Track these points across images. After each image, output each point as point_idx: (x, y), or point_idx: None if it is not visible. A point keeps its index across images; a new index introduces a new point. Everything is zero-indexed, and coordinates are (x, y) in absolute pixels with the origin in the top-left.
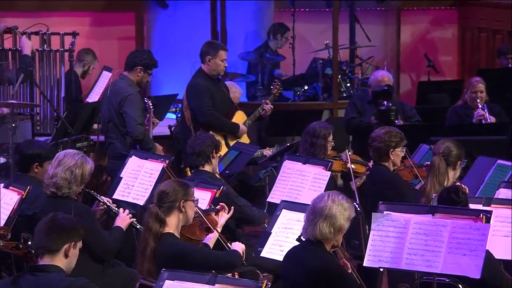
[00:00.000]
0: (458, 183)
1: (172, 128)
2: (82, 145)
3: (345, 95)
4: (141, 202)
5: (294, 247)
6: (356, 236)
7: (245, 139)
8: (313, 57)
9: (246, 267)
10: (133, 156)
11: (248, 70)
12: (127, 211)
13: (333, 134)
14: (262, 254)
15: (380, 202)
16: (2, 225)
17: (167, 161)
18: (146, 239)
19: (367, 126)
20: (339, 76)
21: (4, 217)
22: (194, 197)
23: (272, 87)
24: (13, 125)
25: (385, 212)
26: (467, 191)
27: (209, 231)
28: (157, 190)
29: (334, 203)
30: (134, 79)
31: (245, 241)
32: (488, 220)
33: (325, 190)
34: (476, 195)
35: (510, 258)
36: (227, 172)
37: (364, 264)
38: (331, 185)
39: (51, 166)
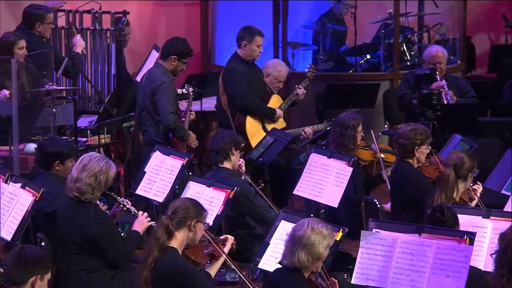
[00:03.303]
0: (470, 189)
1: None
2: (130, 124)
3: (409, 63)
4: (161, 199)
5: (276, 270)
6: None
7: (281, 123)
8: (382, 23)
9: None
10: (157, 151)
11: (313, 39)
12: (145, 214)
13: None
14: (259, 266)
15: (370, 219)
16: (17, 225)
17: (186, 159)
18: (151, 248)
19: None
20: (404, 44)
21: (19, 218)
22: (205, 221)
23: (306, 70)
24: (54, 110)
25: (374, 230)
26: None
27: (212, 257)
28: (173, 204)
29: (313, 232)
30: (169, 67)
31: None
32: (471, 242)
33: (357, 182)
34: (502, 190)
35: None
36: (261, 159)
37: (352, 282)
38: (361, 176)
39: (75, 169)
